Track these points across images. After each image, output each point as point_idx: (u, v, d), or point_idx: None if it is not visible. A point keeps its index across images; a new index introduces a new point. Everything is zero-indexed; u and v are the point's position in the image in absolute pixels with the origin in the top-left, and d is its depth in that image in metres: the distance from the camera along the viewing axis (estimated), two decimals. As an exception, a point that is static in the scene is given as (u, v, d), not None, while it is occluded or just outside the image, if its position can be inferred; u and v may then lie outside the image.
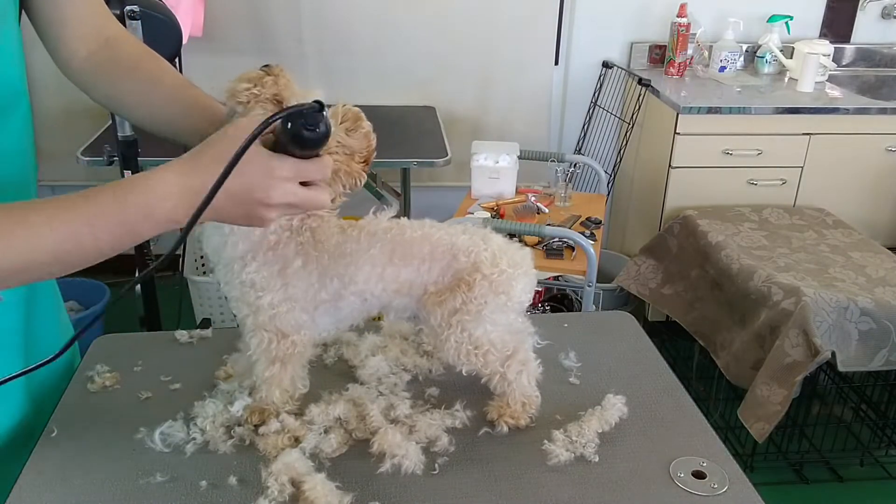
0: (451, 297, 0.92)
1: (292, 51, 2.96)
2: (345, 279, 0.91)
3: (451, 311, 0.92)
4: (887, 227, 2.93)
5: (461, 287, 0.91)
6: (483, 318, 0.92)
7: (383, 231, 0.92)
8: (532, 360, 0.98)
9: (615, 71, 3.10)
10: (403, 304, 0.95)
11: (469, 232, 0.95)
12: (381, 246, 0.91)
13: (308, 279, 0.90)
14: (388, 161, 2.54)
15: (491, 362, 0.95)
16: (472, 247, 0.93)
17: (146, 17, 1.85)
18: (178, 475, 0.88)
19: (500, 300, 0.93)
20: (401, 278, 0.92)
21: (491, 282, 0.91)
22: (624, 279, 2.74)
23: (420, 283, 0.93)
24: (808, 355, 2.01)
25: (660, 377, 1.09)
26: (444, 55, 3.03)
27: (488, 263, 0.92)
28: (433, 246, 0.92)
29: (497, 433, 0.96)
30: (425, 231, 0.93)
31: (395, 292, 0.93)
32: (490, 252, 0.93)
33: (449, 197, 2.94)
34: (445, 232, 0.94)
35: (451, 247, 0.93)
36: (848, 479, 2.36)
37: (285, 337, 0.91)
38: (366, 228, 0.92)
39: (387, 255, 0.91)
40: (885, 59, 3.28)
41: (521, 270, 0.94)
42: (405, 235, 0.92)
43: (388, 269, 0.91)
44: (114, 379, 1.05)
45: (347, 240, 0.91)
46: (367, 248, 0.91)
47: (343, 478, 0.86)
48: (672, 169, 2.75)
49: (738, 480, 0.89)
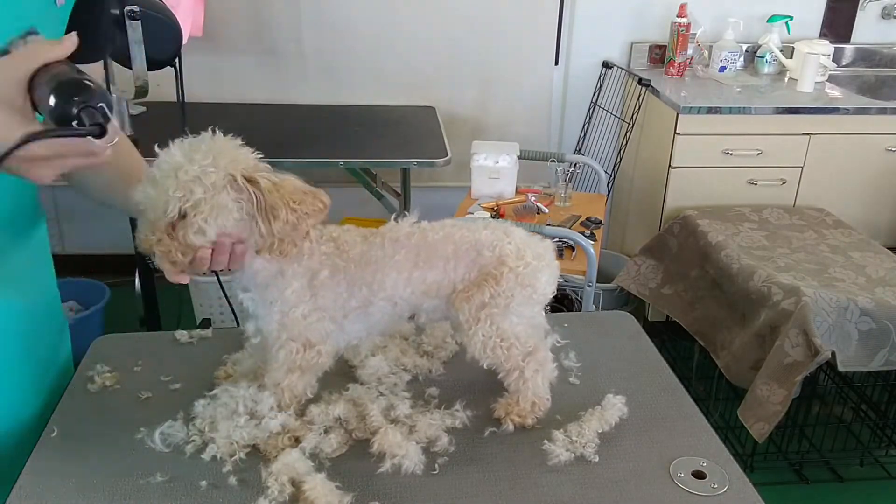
0: (479, 291, 0.93)
1: (292, 51, 2.96)
2: (373, 286, 0.92)
3: (479, 306, 0.93)
4: (887, 227, 2.93)
5: (489, 281, 0.93)
6: (510, 311, 0.94)
7: (406, 237, 0.94)
8: (549, 361, 0.99)
9: (615, 71, 3.10)
10: (433, 306, 0.97)
11: (491, 227, 0.97)
12: (406, 252, 0.93)
13: (336, 289, 0.92)
14: (388, 161, 2.55)
15: (513, 356, 0.96)
16: (496, 241, 0.94)
17: (146, 17, 1.85)
18: (178, 475, 0.88)
19: (527, 292, 0.94)
20: (428, 280, 0.94)
21: (517, 274, 0.93)
22: (624, 279, 2.74)
23: (448, 282, 0.94)
24: (808, 355, 2.01)
25: (660, 377, 1.09)
26: (444, 55, 3.03)
27: (514, 256, 0.93)
28: (456, 245, 0.94)
29: (501, 432, 0.96)
30: (447, 231, 0.95)
31: (423, 294, 0.94)
32: (514, 245, 0.94)
33: (449, 197, 2.94)
34: (467, 229, 0.95)
35: (474, 243, 0.94)
36: (848, 479, 2.35)
37: (312, 346, 0.93)
38: (388, 235, 0.94)
39: (412, 259, 0.93)
40: (884, 59, 3.28)
41: (545, 262, 0.96)
42: (428, 239, 0.94)
43: (415, 273, 0.93)
44: (114, 379, 1.05)
45: (371, 247, 0.92)
46: (391, 255, 0.92)
47: (343, 478, 0.86)
48: (672, 169, 2.75)
49: (738, 480, 0.89)
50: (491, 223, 0.98)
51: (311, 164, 2.60)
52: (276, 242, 0.86)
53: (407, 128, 2.80)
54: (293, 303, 0.90)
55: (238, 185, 0.83)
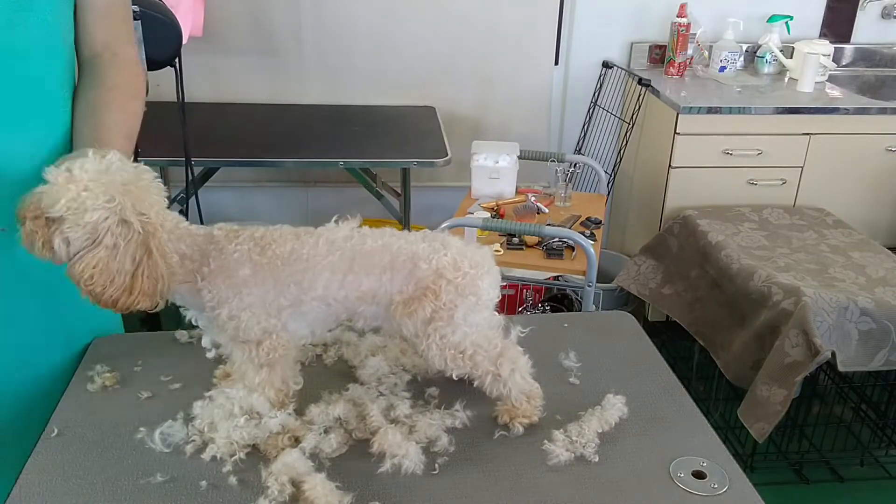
0: (420, 306, 0.92)
1: (292, 51, 2.96)
2: (303, 285, 0.91)
3: (424, 321, 0.92)
4: (887, 226, 2.93)
5: (428, 295, 0.92)
6: (457, 321, 0.93)
7: (343, 239, 0.93)
8: (521, 356, 0.98)
9: (615, 71, 3.10)
10: (371, 312, 0.96)
11: (428, 239, 0.95)
12: (342, 254, 0.92)
13: (262, 286, 0.91)
14: (387, 161, 2.54)
15: (480, 363, 0.95)
16: (433, 253, 0.93)
17: (146, 17, 1.85)
18: (178, 475, 0.88)
19: (470, 301, 0.93)
20: (363, 287, 0.93)
21: (456, 286, 0.92)
22: (624, 279, 2.74)
23: (384, 292, 0.93)
24: (808, 355, 2.01)
25: (660, 377, 1.09)
26: (444, 55, 3.03)
27: (450, 268, 0.92)
28: (393, 256, 0.93)
29: (500, 432, 0.96)
30: (385, 241, 0.94)
31: (358, 300, 0.93)
32: (450, 257, 0.93)
33: (449, 197, 2.94)
34: (405, 241, 0.94)
35: (411, 255, 0.93)
36: (848, 479, 2.35)
37: (259, 344, 0.92)
38: (324, 236, 0.93)
39: (347, 263, 0.92)
40: (884, 59, 3.28)
41: (484, 269, 0.95)
42: (365, 245, 0.93)
43: (349, 277, 0.92)
44: (114, 379, 1.05)
45: (303, 245, 0.91)
46: (325, 255, 0.91)
47: (343, 478, 0.87)
48: (672, 169, 2.75)
49: (738, 480, 0.89)
50: (429, 235, 0.96)
51: (310, 164, 2.60)
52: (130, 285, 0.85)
53: (407, 128, 2.80)
54: (218, 306, 0.91)
55: (122, 230, 0.84)
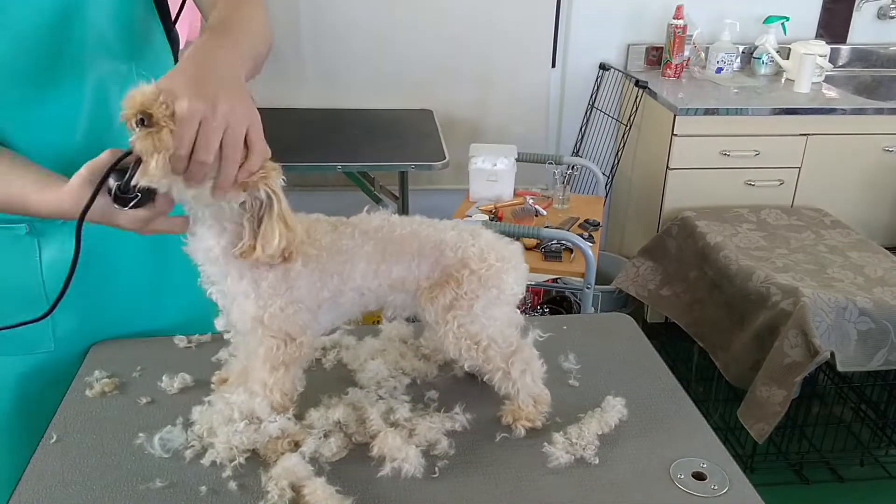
0: (442, 293, 0.93)
1: (291, 53, 2.96)
2: (343, 275, 0.92)
3: (444, 307, 0.93)
4: (885, 226, 2.94)
5: (450, 283, 0.92)
6: (476, 312, 0.93)
7: (374, 229, 0.93)
8: (536, 359, 0.98)
9: (612, 73, 3.11)
10: (401, 300, 0.96)
11: (458, 228, 0.96)
12: (374, 244, 0.92)
13: (310, 278, 0.90)
14: (385, 164, 2.55)
15: (492, 357, 0.95)
16: (460, 242, 0.93)
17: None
18: (177, 481, 0.88)
19: (492, 294, 0.93)
20: (393, 275, 0.93)
21: (479, 277, 0.92)
22: (622, 281, 2.74)
23: (412, 279, 0.94)
24: (808, 356, 2.01)
25: (659, 379, 1.09)
26: (442, 58, 3.03)
27: (476, 259, 0.92)
28: (421, 243, 0.93)
29: (501, 435, 0.96)
30: (414, 228, 0.94)
31: (390, 287, 0.94)
32: (478, 247, 0.93)
33: (447, 200, 2.94)
34: (434, 228, 0.95)
35: (438, 243, 0.94)
36: (848, 479, 2.36)
37: (293, 340, 0.91)
38: (358, 226, 0.93)
39: (380, 251, 0.92)
40: (881, 60, 3.29)
41: (511, 264, 0.95)
42: (395, 233, 0.93)
43: (382, 266, 0.93)
44: (112, 384, 1.04)
45: (341, 237, 0.92)
46: (361, 245, 0.92)
47: (343, 482, 0.86)
48: (670, 170, 2.75)
49: (739, 481, 0.89)
50: (460, 224, 0.97)
51: (308, 167, 2.59)
52: (256, 248, 0.84)
53: (404, 131, 2.80)
54: (270, 296, 0.88)
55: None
